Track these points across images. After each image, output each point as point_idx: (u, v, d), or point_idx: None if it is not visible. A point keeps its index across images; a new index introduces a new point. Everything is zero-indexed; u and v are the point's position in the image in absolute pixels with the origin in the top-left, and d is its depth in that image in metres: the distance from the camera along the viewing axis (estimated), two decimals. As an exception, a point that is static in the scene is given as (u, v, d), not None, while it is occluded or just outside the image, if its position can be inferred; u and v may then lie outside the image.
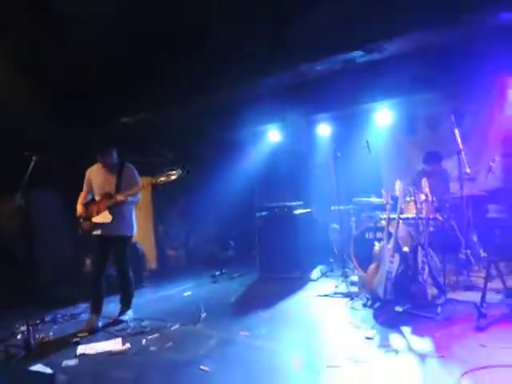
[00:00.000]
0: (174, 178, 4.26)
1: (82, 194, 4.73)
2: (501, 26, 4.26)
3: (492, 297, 4.04)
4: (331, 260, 6.37)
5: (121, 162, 4.67)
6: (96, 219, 4.47)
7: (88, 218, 4.53)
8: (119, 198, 4.36)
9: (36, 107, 5.42)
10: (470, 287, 4.56)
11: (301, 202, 6.69)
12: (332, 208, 6.15)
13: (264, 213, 6.48)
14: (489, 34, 4.45)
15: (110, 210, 4.43)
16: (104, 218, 4.44)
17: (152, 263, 7.61)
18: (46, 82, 5.50)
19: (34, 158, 4.01)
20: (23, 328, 4.21)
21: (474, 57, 4.67)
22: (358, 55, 4.88)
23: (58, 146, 5.70)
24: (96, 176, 4.66)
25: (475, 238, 5.36)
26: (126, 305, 4.70)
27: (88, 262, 5.67)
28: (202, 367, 3.18)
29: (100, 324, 4.41)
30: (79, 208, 4.62)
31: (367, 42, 4.50)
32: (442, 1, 3.80)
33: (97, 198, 4.62)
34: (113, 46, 5.12)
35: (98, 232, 4.48)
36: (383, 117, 6.62)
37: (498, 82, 5.62)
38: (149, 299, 5.63)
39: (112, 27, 4.85)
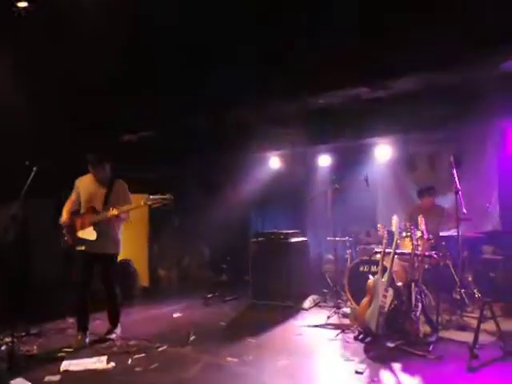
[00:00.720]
0: (165, 202, 4.15)
1: (68, 203, 4.55)
2: (503, 73, 4.37)
3: (485, 338, 4.01)
4: (325, 290, 6.32)
5: (112, 177, 4.56)
6: (80, 234, 4.33)
7: (71, 230, 4.37)
8: (112, 212, 4.19)
9: (37, 116, 5.46)
10: (463, 327, 4.52)
11: (297, 231, 6.68)
12: (328, 239, 6.15)
13: (259, 238, 6.46)
14: (491, 78, 4.57)
15: (95, 226, 4.28)
16: (88, 234, 4.29)
17: (144, 282, 7.53)
18: (48, 92, 5.56)
19: (34, 168, 4.02)
20: (8, 340, 4.13)
21: (475, 99, 4.77)
22: (363, 91, 4.98)
23: (58, 156, 5.71)
24: (85, 187, 4.52)
25: (470, 278, 5.35)
26: (113, 323, 4.60)
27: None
28: (187, 391, 3.12)
29: (87, 341, 4.33)
30: (65, 215, 4.43)
31: (374, 80, 4.60)
32: (446, 45, 3.91)
33: (82, 210, 4.47)
34: (113, 61, 5.22)
35: (82, 247, 4.33)
36: (383, 151, 6.71)
37: (500, 125, 5.73)
38: (138, 318, 5.55)
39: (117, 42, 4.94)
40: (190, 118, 6.10)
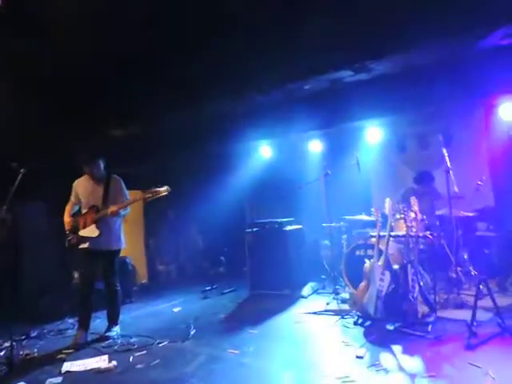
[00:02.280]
0: (162, 194, 4.25)
1: (69, 205, 4.68)
2: (489, 48, 4.35)
3: (482, 315, 4.04)
4: (323, 277, 6.34)
5: (108, 174, 4.63)
6: (83, 232, 4.41)
7: (75, 230, 4.47)
8: (112, 209, 4.29)
9: (24, 118, 5.39)
10: (460, 305, 4.56)
11: (291, 219, 6.68)
12: (323, 225, 6.16)
13: (255, 229, 6.46)
14: (477, 54, 4.55)
15: (97, 223, 4.38)
16: (91, 232, 4.38)
17: (142, 278, 7.53)
18: (35, 92, 5.48)
19: (22, 170, 3.96)
20: (7, 344, 4.11)
21: (462, 77, 4.76)
22: (345, 75, 4.95)
23: (46, 157, 5.66)
24: (83, 188, 4.61)
25: (466, 256, 5.39)
26: (113, 321, 4.61)
27: (76, 275, 5.59)
28: (189, 386, 3.13)
29: (87, 340, 4.33)
30: (67, 218, 4.56)
31: (354, 63, 4.56)
32: (430, 22, 3.87)
33: (83, 210, 4.56)
34: (103, 58, 5.14)
35: (86, 245, 4.41)
36: (373, 134, 6.69)
37: (486, 102, 5.72)
38: (138, 315, 5.55)
39: (102, 38, 4.87)
40: (178, 110, 6.04)
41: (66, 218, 4.57)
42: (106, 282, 4.61)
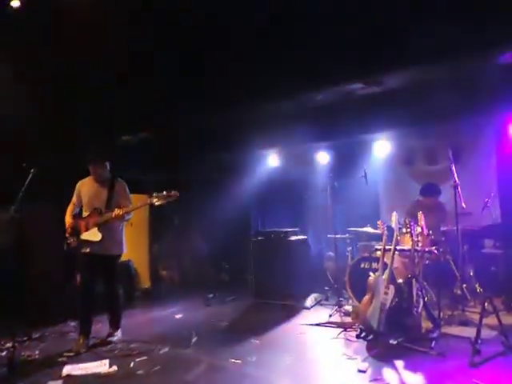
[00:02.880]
0: (171, 199, 4.18)
1: (71, 206, 4.60)
2: (502, 65, 4.35)
3: (487, 333, 4.00)
4: (326, 288, 6.31)
5: (112, 177, 4.58)
6: (85, 236, 4.34)
7: (76, 233, 4.39)
8: (117, 212, 4.21)
9: (36, 119, 5.45)
10: (464, 322, 4.52)
11: (297, 229, 6.67)
12: (328, 236, 6.14)
13: (260, 237, 6.45)
14: (490, 71, 4.56)
15: (99, 227, 4.30)
16: (93, 235, 4.30)
17: (145, 283, 7.52)
18: (45, 94, 5.55)
19: (32, 171, 4.00)
20: (9, 345, 4.12)
21: (473, 93, 4.76)
22: (357, 87, 4.97)
23: (55, 158, 5.70)
24: (86, 189, 4.54)
25: (471, 273, 5.35)
26: (114, 326, 4.59)
27: (78, 278, 5.59)
28: (189, 394, 3.12)
29: (88, 344, 4.31)
30: (68, 219, 4.49)
31: (366, 76, 4.59)
32: (443, 38, 3.89)
33: (85, 212, 4.49)
34: (112, 64, 5.22)
35: (87, 250, 4.33)
36: (382, 147, 6.69)
37: (498, 119, 5.71)
38: (139, 320, 5.54)
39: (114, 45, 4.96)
40: (188, 118, 6.09)
41: (68, 219, 4.50)
42: (107, 287, 4.56)
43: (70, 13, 4.58)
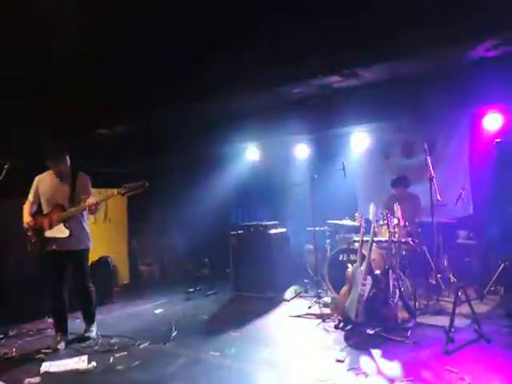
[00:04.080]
0: (139, 189, 4.01)
1: (27, 204, 4.35)
2: (475, 59, 4.44)
3: (460, 322, 4.12)
4: (306, 281, 6.38)
5: (73, 171, 4.36)
6: (50, 233, 4.16)
7: (37, 231, 4.19)
8: (90, 201, 4.02)
9: (10, 116, 5.32)
10: (439, 311, 4.64)
11: (276, 222, 6.71)
12: (307, 229, 6.19)
13: (239, 231, 6.47)
14: (464, 65, 4.65)
15: (66, 222, 4.13)
16: (59, 231, 4.13)
17: (124, 279, 7.46)
18: (20, 90, 5.42)
19: (5, 167, 3.91)
20: (-15, 343, 4.06)
21: (448, 87, 4.85)
22: (334, 80, 5.01)
23: (30, 154, 5.58)
24: (46, 185, 4.33)
25: (446, 263, 5.48)
26: (89, 320, 4.50)
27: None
28: (169, 387, 3.12)
29: (65, 343, 4.24)
30: (27, 218, 4.24)
31: (342, 68, 4.62)
32: (416, 34, 3.95)
33: (46, 209, 4.29)
34: (90, 57, 5.12)
35: (54, 247, 4.18)
36: (360, 140, 6.75)
37: (471, 112, 5.83)
38: (118, 315, 5.50)
39: (91, 38, 4.86)
40: (165, 111, 6.03)
41: (26, 219, 4.24)
42: (78, 284, 4.42)
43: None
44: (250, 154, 7.78)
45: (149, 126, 6.76)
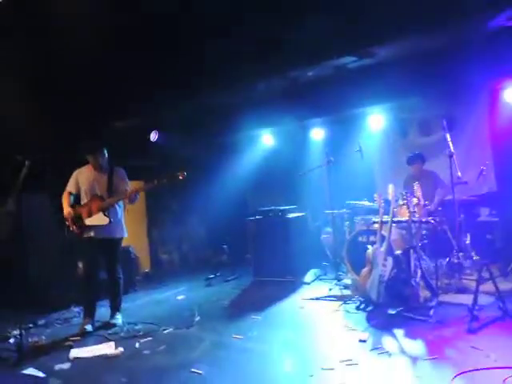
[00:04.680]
0: (178, 178, 4.37)
1: (66, 195, 4.58)
2: (494, 30, 4.31)
3: (484, 299, 4.07)
4: (325, 263, 6.38)
5: (111, 164, 4.66)
6: (90, 221, 4.41)
7: (77, 220, 4.42)
8: (132, 189, 4.42)
9: (28, 111, 5.39)
10: (462, 290, 4.60)
11: (294, 206, 6.70)
12: (325, 212, 6.17)
13: (258, 217, 6.48)
14: (480, 38, 4.51)
15: (105, 211, 4.40)
16: (99, 220, 4.39)
17: (145, 267, 7.59)
18: (38, 85, 5.48)
19: (27, 163, 3.97)
20: (16, 332, 4.17)
21: (465, 61, 4.72)
22: (349, 61, 4.92)
23: (50, 149, 5.66)
24: (85, 177, 4.58)
25: (467, 241, 5.40)
26: (116, 308, 4.65)
27: (80, 265, 5.63)
28: (193, 370, 3.17)
29: (92, 327, 4.38)
30: (67, 208, 4.48)
31: (358, 48, 4.54)
32: (431, 7, 3.83)
33: (84, 199, 4.52)
34: (103, 51, 5.14)
35: (91, 234, 4.42)
36: (376, 121, 6.67)
37: (490, 86, 5.68)
38: (142, 303, 5.60)
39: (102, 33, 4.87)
40: (179, 101, 6.03)
41: (67, 208, 4.48)
42: (109, 271, 4.64)
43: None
44: (265, 139, 7.77)
45: (163, 117, 6.78)
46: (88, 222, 4.42)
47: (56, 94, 5.69)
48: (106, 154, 4.62)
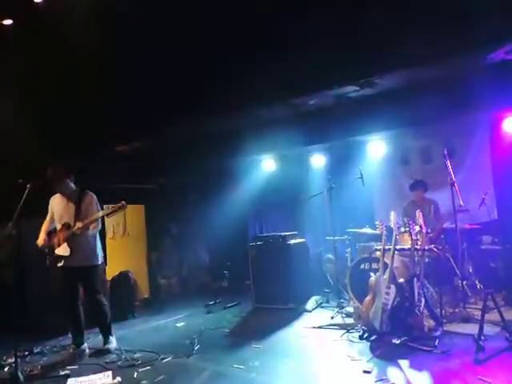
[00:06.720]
0: (120, 210, 4.18)
1: (46, 223, 4.62)
2: (494, 62, 4.39)
3: (489, 329, 4.01)
4: (327, 290, 6.30)
5: (80, 190, 4.54)
6: (57, 251, 4.37)
7: (51, 249, 4.42)
8: (78, 225, 4.20)
9: (28, 134, 5.44)
10: (466, 319, 4.52)
11: (295, 232, 6.66)
12: (327, 238, 6.14)
13: (258, 242, 6.44)
14: (483, 69, 4.60)
15: (68, 241, 4.32)
16: (63, 250, 4.34)
17: (144, 292, 7.48)
18: (38, 109, 5.54)
19: (28, 186, 3.97)
20: (11, 360, 4.08)
21: (467, 91, 4.78)
22: (351, 90, 4.99)
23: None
24: (57, 204, 4.55)
25: (471, 269, 5.36)
26: (106, 333, 4.58)
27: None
28: (195, 402, 3.09)
29: (85, 354, 4.33)
30: (42, 237, 4.50)
31: (359, 78, 4.61)
32: (432, 40, 3.91)
33: (58, 227, 4.50)
34: (106, 74, 5.23)
35: (61, 264, 4.36)
36: (377, 148, 6.71)
37: (491, 116, 5.75)
38: (140, 330, 5.49)
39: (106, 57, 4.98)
40: (181, 127, 6.09)
41: (41, 236, 4.51)
42: (89, 300, 4.57)
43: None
44: (266, 165, 7.80)
45: (164, 141, 6.82)
46: (57, 251, 4.38)
47: (58, 118, 5.74)
48: (71, 182, 4.51)
